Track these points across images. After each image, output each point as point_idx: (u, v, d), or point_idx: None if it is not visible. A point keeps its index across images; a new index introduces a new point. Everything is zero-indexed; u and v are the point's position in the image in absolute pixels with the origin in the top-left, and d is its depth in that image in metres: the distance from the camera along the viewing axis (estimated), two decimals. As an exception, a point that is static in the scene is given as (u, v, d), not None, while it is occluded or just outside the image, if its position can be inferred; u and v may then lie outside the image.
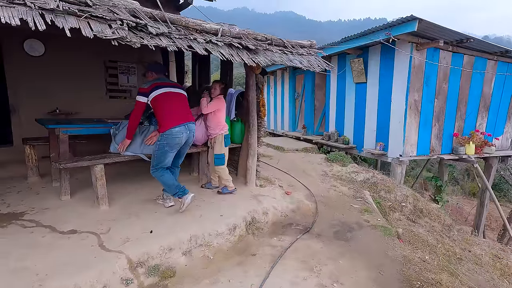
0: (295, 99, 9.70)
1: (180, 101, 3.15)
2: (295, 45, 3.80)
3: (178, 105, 3.12)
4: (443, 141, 6.17)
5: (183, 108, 3.15)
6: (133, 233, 2.72)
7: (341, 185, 5.14)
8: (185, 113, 3.15)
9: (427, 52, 5.51)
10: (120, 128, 3.41)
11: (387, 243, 3.22)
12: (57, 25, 1.73)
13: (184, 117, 3.10)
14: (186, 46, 2.41)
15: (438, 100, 5.89)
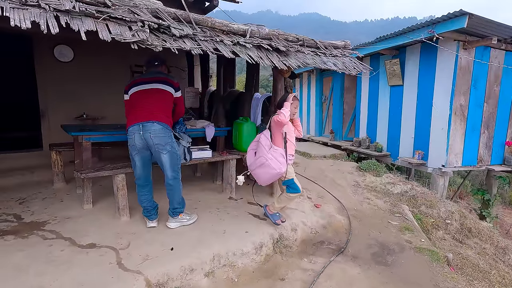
0: (322, 102, 9.28)
1: (150, 97, 2.66)
2: (328, 46, 3.49)
3: (145, 102, 2.65)
4: (494, 150, 5.51)
5: (149, 106, 2.63)
6: (153, 249, 2.53)
7: (375, 198, 4.70)
8: (147, 111, 2.62)
9: (476, 51, 4.94)
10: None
11: (436, 272, 2.79)
12: (72, 28, 1.57)
13: (143, 115, 2.59)
14: (212, 49, 2.19)
15: (488, 105, 5.27)
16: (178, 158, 2.81)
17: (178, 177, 2.84)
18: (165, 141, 2.66)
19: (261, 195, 4.03)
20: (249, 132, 3.92)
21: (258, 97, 4.39)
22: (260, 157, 2.89)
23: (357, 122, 7.54)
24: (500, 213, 11.71)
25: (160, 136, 2.62)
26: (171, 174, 2.77)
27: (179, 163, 2.86)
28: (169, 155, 2.71)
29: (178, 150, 2.83)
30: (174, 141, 2.78)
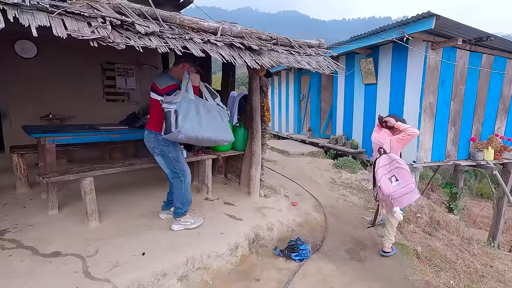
0: (301, 100, 9.37)
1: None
2: (303, 45, 3.49)
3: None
4: (460, 146, 5.79)
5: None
6: (123, 255, 2.43)
7: (351, 194, 4.81)
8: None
9: (443, 51, 5.15)
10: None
11: (406, 265, 2.90)
12: (22, 23, 1.45)
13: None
14: (180, 47, 2.11)
15: (455, 103, 5.53)
16: (173, 159, 2.82)
17: (177, 176, 2.85)
18: (152, 145, 2.79)
19: (237, 194, 4.00)
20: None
21: (234, 96, 4.34)
22: (409, 184, 2.71)
23: (334, 120, 7.67)
24: (468, 204, 12.45)
25: (148, 141, 2.81)
26: (169, 172, 2.87)
27: (178, 163, 2.85)
28: (160, 157, 2.83)
29: (171, 152, 2.80)
30: (165, 144, 2.75)
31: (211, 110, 2.66)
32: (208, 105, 2.67)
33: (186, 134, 2.43)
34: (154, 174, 4.59)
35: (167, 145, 2.76)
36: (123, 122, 4.11)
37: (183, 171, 2.86)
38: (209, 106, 2.68)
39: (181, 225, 2.88)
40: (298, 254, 2.82)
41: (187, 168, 2.92)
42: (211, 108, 2.68)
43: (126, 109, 5.23)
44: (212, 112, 2.65)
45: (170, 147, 2.78)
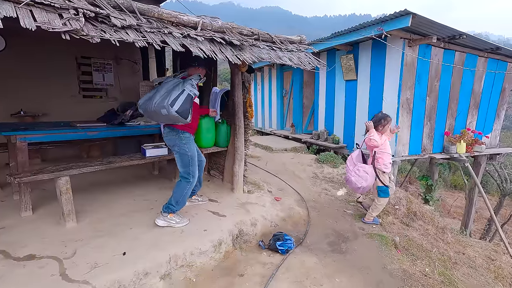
0: (283, 96, 9.42)
1: None
2: (284, 41, 3.50)
3: None
4: (435, 140, 6.05)
5: None
6: (103, 256, 2.37)
7: (332, 188, 4.91)
8: None
9: (419, 48, 5.33)
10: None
11: (385, 255, 3.00)
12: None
13: None
14: (159, 41, 2.06)
15: (430, 98, 5.75)
16: (189, 160, 2.89)
17: (187, 178, 2.90)
18: (172, 142, 2.88)
19: (220, 190, 3.99)
20: (208, 128, 3.83)
21: (216, 91, 4.29)
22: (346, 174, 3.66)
23: (316, 116, 7.78)
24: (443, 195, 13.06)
25: (168, 137, 2.90)
26: (182, 171, 2.93)
27: (192, 165, 2.90)
28: (178, 155, 2.90)
29: (190, 151, 2.89)
30: (185, 143, 2.87)
31: (164, 85, 2.67)
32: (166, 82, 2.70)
33: (140, 107, 2.70)
34: (135, 172, 4.51)
35: (188, 143, 2.87)
36: (101, 119, 3.97)
37: (194, 172, 2.93)
38: (167, 82, 2.69)
39: (166, 222, 2.88)
40: (283, 243, 2.86)
41: (197, 172, 2.99)
42: (166, 83, 2.68)
43: (104, 105, 5.05)
44: (164, 86, 2.65)
45: (190, 145, 2.89)
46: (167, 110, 2.54)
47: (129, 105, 4.36)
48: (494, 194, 12.99)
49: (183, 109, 2.57)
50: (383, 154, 3.56)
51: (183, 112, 2.57)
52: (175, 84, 2.63)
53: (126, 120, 3.79)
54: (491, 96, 6.73)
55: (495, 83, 6.69)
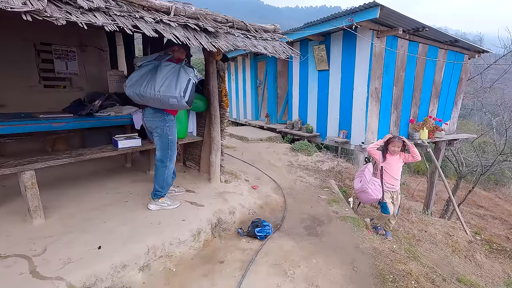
0: (257, 86, 9.43)
1: None
2: (259, 29, 3.49)
3: None
4: (401, 127, 6.42)
5: None
6: (76, 251, 2.28)
7: (307, 176, 5.07)
8: None
9: (387, 40, 5.57)
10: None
11: (357, 236, 3.18)
12: None
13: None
14: (130, 25, 1.97)
15: (397, 88, 6.06)
16: (169, 143, 2.89)
17: (163, 161, 2.91)
18: (156, 124, 2.83)
19: (197, 181, 3.96)
20: (180, 118, 3.75)
21: (190, 81, 4.20)
22: (363, 185, 3.62)
23: (290, 106, 7.90)
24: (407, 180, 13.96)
25: (153, 120, 2.84)
26: (160, 155, 2.91)
27: (170, 149, 2.91)
28: (159, 137, 2.87)
29: (172, 134, 2.89)
30: (169, 125, 2.85)
31: (162, 69, 2.64)
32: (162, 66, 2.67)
33: (128, 89, 2.66)
34: (106, 165, 4.33)
35: (171, 126, 2.86)
36: (66, 110, 3.74)
37: (172, 157, 2.95)
38: (163, 67, 2.66)
39: (158, 205, 2.98)
40: (262, 229, 2.93)
41: (175, 157, 3.01)
42: (164, 68, 2.65)
43: (69, 96, 4.74)
44: (162, 71, 2.63)
45: (172, 129, 2.88)
46: (178, 100, 2.58)
47: (97, 95, 4.14)
48: (451, 178, 14.11)
49: (191, 99, 2.66)
50: (386, 174, 3.60)
51: (190, 101, 2.66)
52: (175, 70, 2.64)
53: (95, 110, 3.60)
54: (450, 86, 7.25)
55: (454, 74, 7.20)
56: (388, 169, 3.60)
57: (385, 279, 2.47)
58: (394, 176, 3.61)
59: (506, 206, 13.54)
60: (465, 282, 3.23)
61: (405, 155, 3.61)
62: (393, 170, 3.60)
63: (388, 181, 3.61)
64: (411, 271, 2.61)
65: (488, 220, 11.78)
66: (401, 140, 3.58)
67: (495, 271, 4.49)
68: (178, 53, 2.83)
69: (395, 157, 3.59)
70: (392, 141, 3.57)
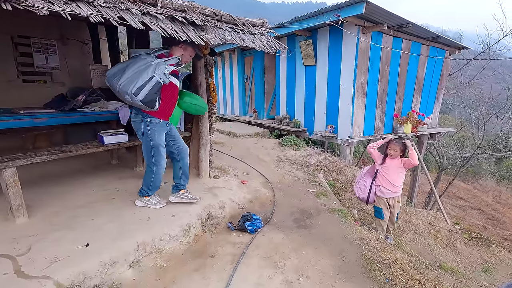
0: (245, 82, 9.39)
1: None
2: (247, 23, 3.47)
3: None
4: (386, 121, 6.57)
5: None
6: (63, 249, 2.23)
7: (295, 170, 5.12)
8: None
9: (372, 35, 5.66)
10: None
11: (345, 227, 3.26)
12: None
13: None
14: (116, 17, 1.92)
15: (381, 83, 6.19)
16: (153, 146, 2.71)
17: (151, 166, 2.79)
18: (136, 126, 2.71)
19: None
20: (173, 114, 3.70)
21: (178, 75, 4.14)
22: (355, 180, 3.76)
23: (278, 101, 7.93)
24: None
25: (134, 121, 2.72)
26: (145, 158, 2.82)
27: (154, 154, 2.74)
28: (142, 141, 2.75)
29: (153, 139, 2.69)
30: (150, 128, 2.66)
31: (137, 63, 2.41)
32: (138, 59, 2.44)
33: (107, 80, 2.45)
34: (91, 162, 4.23)
35: (152, 130, 2.66)
36: (48, 105, 3.61)
37: (158, 162, 2.77)
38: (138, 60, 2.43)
39: (143, 203, 2.93)
40: (252, 223, 2.95)
41: (164, 161, 2.81)
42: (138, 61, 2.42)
43: (50, 91, 4.57)
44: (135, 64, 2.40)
45: (154, 133, 2.68)
46: (130, 97, 2.36)
47: (81, 90, 4.03)
48: (433, 171, 14.61)
49: (149, 99, 2.39)
50: (382, 178, 3.47)
51: (149, 102, 2.40)
52: (146, 66, 2.37)
53: (78, 106, 3.50)
54: (432, 81, 7.47)
55: (435, 69, 7.42)
56: (384, 173, 3.45)
57: (372, 267, 2.55)
58: (392, 181, 3.42)
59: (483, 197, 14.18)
60: (447, 269, 3.38)
61: (405, 160, 3.38)
62: (390, 175, 3.42)
63: (384, 186, 3.47)
64: (397, 260, 2.71)
65: (467, 210, 12.31)
66: (400, 143, 3.37)
67: (473, 258, 4.71)
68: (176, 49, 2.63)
69: (394, 161, 3.40)
70: (391, 143, 3.41)
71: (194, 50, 2.78)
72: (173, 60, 2.53)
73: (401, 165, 3.42)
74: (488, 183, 15.82)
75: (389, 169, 3.45)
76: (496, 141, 11.02)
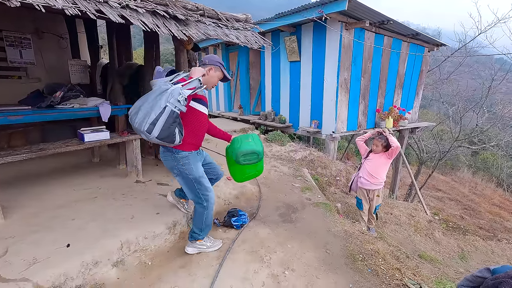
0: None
1: None
2: (230, 18, 3.45)
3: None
4: (368, 116, 6.72)
5: None
6: (42, 251, 2.16)
7: (281, 165, 5.16)
8: None
9: (355, 32, 5.74)
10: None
11: (329, 220, 3.32)
12: None
13: None
14: (93, 10, 1.86)
15: (364, 79, 6.31)
16: (194, 181, 2.37)
17: (200, 202, 2.43)
18: (169, 165, 2.39)
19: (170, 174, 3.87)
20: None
21: (160, 71, 4.01)
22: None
23: (263, 97, 7.93)
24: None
25: (165, 159, 2.39)
26: (191, 196, 2.47)
27: (201, 186, 2.39)
28: (180, 178, 2.41)
29: (191, 173, 2.35)
30: (184, 163, 2.32)
31: (151, 94, 2.03)
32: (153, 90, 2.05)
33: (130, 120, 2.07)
34: (70, 161, 4.11)
35: (187, 164, 2.33)
36: (23, 102, 3.46)
37: (206, 195, 2.42)
38: (153, 91, 2.04)
39: (196, 248, 2.54)
40: (238, 218, 2.96)
41: (211, 191, 2.48)
42: (153, 92, 2.04)
43: (26, 87, 4.38)
44: (150, 96, 2.02)
45: (190, 166, 2.34)
46: (145, 136, 2.00)
47: (58, 86, 3.87)
48: (414, 164, 15.11)
49: (166, 134, 1.99)
50: (364, 170, 3.63)
51: (167, 137, 2.01)
52: (160, 96, 1.97)
53: (56, 102, 3.37)
54: (412, 77, 7.69)
55: (415, 66, 7.64)
56: (367, 165, 3.60)
57: (355, 258, 2.62)
58: (373, 173, 3.56)
59: (460, 188, 14.82)
60: (426, 257, 3.52)
61: (389, 152, 3.49)
62: (372, 167, 3.56)
63: (364, 177, 3.62)
64: (379, 250, 2.79)
65: (445, 201, 12.84)
66: (383, 138, 3.46)
67: (451, 246, 4.93)
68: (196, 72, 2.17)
69: (378, 155, 3.56)
70: (375, 139, 3.53)
71: (221, 72, 2.43)
72: (193, 84, 2.09)
73: (386, 158, 3.55)
74: (465, 175, 16.55)
75: (372, 162, 3.62)
76: (472, 135, 11.51)
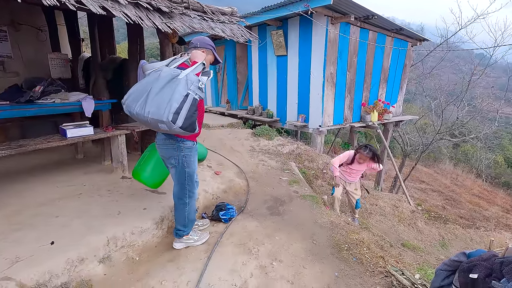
0: (217, 72, 9.25)
1: None
2: (216, 11, 3.42)
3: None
4: (354, 110, 6.83)
5: None
6: (25, 249, 2.11)
7: (269, 159, 5.20)
8: None
9: (340, 26, 5.80)
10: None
11: (316, 212, 3.39)
12: None
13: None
14: (73, 1, 1.80)
15: (350, 73, 6.39)
16: (186, 176, 2.31)
17: (183, 198, 2.37)
18: (169, 154, 2.28)
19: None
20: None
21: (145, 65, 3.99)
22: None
23: (250, 91, 7.92)
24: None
25: (165, 148, 2.28)
26: (177, 189, 2.37)
27: (189, 184, 2.34)
28: (174, 170, 2.31)
29: (189, 166, 2.30)
30: (185, 155, 2.25)
31: (160, 80, 1.93)
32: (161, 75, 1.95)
33: (126, 107, 1.99)
34: (53, 157, 4.00)
35: (188, 156, 2.26)
36: (1, 96, 3.32)
37: (192, 192, 2.39)
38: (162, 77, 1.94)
39: (183, 243, 2.52)
40: (226, 212, 2.98)
41: (196, 188, 2.46)
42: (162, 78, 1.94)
43: (3, 81, 4.20)
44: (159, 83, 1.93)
45: (190, 158, 2.29)
46: (167, 126, 1.88)
47: (38, 80, 3.73)
48: (398, 157, 15.52)
49: (189, 122, 1.92)
50: (344, 171, 3.92)
51: (190, 126, 1.93)
52: (174, 83, 1.90)
53: (36, 97, 3.25)
54: (396, 71, 7.85)
55: (399, 60, 7.80)
56: (346, 172, 3.91)
57: (341, 248, 2.69)
58: (348, 177, 3.94)
59: (442, 180, 15.37)
60: (408, 246, 3.65)
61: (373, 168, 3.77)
62: (351, 175, 3.90)
63: (344, 173, 3.94)
64: (363, 240, 2.87)
65: (428, 193, 13.30)
66: (370, 154, 3.58)
67: (432, 235, 5.13)
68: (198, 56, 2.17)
69: (361, 166, 3.76)
70: (361, 153, 3.60)
71: (213, 54, 2.44)
72: (200, 68, 2.06)
73: (365, 169, 3.80)
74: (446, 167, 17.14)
75: (352, 171, 3.85)
76: (453, 128, 11.90)
